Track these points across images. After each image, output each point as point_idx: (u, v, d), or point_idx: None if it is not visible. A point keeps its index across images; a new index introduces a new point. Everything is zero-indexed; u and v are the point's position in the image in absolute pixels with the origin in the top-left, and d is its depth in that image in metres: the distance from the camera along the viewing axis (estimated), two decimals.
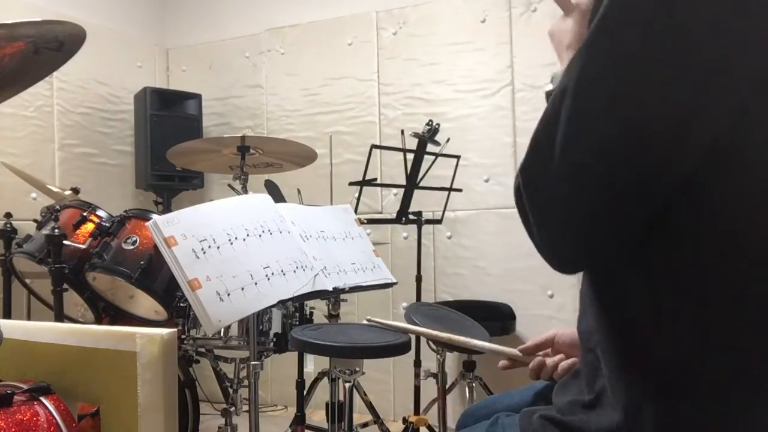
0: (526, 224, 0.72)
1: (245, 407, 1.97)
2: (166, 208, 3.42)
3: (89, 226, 2.25)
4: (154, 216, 1.64)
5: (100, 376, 1.29)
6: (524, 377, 1.10)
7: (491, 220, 3.02)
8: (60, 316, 2.11)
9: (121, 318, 2.30)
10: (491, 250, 3.01)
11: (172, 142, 2.40)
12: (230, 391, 2.12)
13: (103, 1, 3.53)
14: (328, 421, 1.95)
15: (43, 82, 2.94)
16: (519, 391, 1.15)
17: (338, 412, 1.75)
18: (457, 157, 2.51)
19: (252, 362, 1.86)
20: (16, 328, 1.38)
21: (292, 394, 2.29)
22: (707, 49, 0.61)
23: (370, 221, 2.44)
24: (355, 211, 2.00)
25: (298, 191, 2.58)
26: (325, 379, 2.38)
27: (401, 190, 2.42)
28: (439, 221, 2.61)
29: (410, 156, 2.34)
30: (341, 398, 1.68)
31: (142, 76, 3.66)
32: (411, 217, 2.43)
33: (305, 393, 2.32)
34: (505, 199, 2.99)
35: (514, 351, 1.13)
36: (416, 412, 2.50)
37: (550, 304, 2.87)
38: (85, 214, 2.26)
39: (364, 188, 2.31)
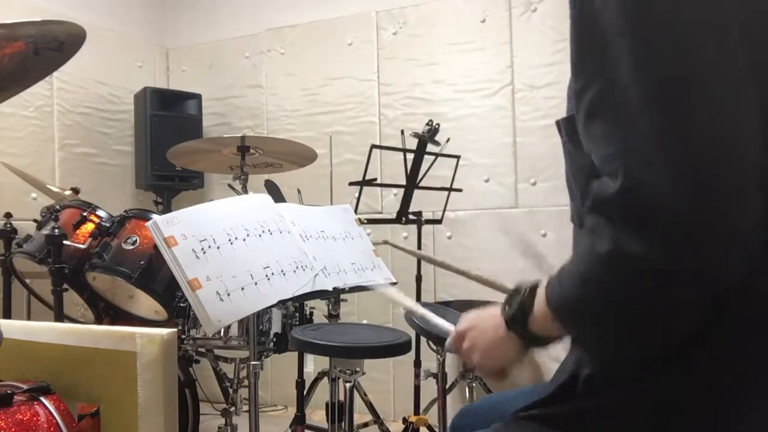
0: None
1: (245, 407, 1.97)
2: (166, 208, 3.42)
3: (89, 226, 2.25)
4: (154, 216, 1.64)
5: (100, 376, 1.29)
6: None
7: (491, 220, 3.02)
8: (60, 316, 2.11)
9: (121, 318, 2.30)
10: (491, 250, 3.00)
11: (172, 142, 2.40)
12: (230, 391, 2.12)
13: (103, 1, 3.53)
14: (328, 421, 1.95)
15: (43, 82, 2.94)
16: (520, 392, 1.11)
17: (338, 412, 1.75)
18: (457, 157, 2.51)
19: (252, 362, 1.86)
20: (16, 328, 1.38)
21: (292, 394, 2.29)
22: None
23: (370, 221, 2.44)
24: (355, 211, 2.00)
25: (298, 191, 2.58)
26: (325, 379, 2.38)
27: (401, 190, 2.42)
28: (439, 221, 2.60)
29: (410, 156, 2.34)
30: (341, 398, 1.68)
31: (142, 76, 3.66)
32: (411, 217, 2.43)
33: (305, 393, 2.32)
34: (505, 199, 2.99)
35: None
36: (416, 412, 2.50)
37: None
38: (85, 214, 2.26)
39: (364, 188, 2.31)
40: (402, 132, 2.31)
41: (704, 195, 0.60)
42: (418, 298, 2.53)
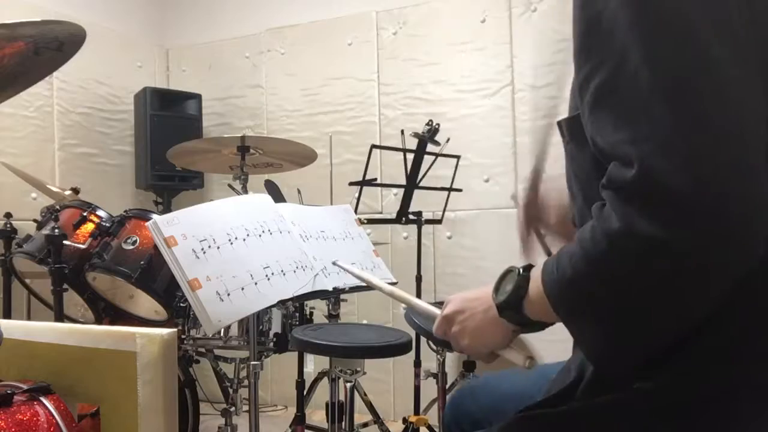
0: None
1: (245, 407, 1.97)
2: (166, 208, 3.42)
3: (89, 226, 2.25)
4: (154, 216, 1.64)
5: (100, 376, 1.29)
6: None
7: (491, 220, 3.02)
8: (60, 316, 2.11)
9: (121, 318, 2.30)
10: (491, 250, 3.00)
11: (172, 142, 2.40)
12: (230, 391, 2.12)
13: (104, 1, 3.53)
14: (328, 421, 1.95)
15: (43, 82, 2.94)
16: (521, 391, 1.03)
17: (338, 412, 1.75)
18: (457, 157, 2.51)
19: (252, 362, 1.86)
20: (16, 328, 1.38)
21: (292, 394, 2.29)
22: None
23: (370, 221, 2.44)
24: (355, 211, 2.00)
25: (298, 191, 2.58)
26: (325, 379, 2.38)
27: (401, 190, 2.42)
28: (439, 221, 2.60)
29: (410, 156, 2.34)
30: (341, 398, 1.68)
31: (142, 76, 3.66)
32: (411, 217, 2.43)
33: (305, 393, 2.32)
34: (505, 199, 2.99)
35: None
36: (416, 412, 2.49)
37: None
38: (85, 214, 2.26)
39: (364, 188, 2.31)
40: (402, 132, 2.30)
41: (722, 177, 0.60)
42: (418, 298, 2.53)
